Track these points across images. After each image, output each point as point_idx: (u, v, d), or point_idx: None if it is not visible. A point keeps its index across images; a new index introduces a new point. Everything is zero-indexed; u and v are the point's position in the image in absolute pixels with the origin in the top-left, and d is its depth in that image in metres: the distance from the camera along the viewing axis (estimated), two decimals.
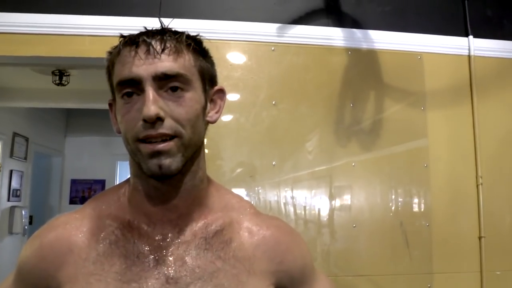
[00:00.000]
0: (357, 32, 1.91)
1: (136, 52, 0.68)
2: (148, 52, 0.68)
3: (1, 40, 1.73)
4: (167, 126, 0.67)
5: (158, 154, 0.67)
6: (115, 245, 0.72)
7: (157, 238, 0.73)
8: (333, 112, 1.85)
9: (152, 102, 0.66)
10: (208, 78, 0.77)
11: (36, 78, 3.69)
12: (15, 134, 4.67)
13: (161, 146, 0.67)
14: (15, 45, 1.74)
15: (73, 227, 0.75)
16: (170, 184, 0.73)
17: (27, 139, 4.98)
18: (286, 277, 0.79)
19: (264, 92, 1.82)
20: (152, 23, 0.77)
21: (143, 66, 0.67)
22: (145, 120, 0.66)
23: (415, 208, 1.85)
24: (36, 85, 3.97)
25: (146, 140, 0.67)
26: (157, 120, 0.66)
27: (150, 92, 0.67)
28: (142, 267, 0.70)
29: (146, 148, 0.67)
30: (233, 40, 1.83)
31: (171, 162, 0.68)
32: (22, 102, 4.26)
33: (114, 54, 0.72)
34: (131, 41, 0.70)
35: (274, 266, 0.77)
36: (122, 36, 0.73)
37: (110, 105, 0.78)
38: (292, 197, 1.79)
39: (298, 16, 1.89)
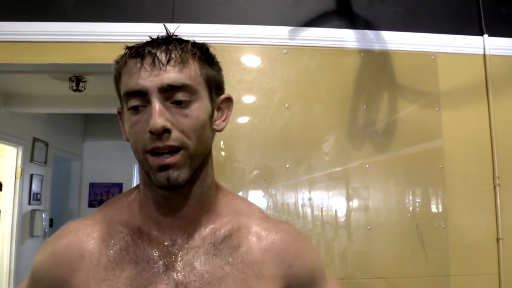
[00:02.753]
0: (370, 33, 1.91)
1: (142, 64, 0.69)
2: (153, 64, 0.68)
3: (20, 48, 1.78)
4: (174, 138, 0.68)
5: (166, 167, 0.68)
6: (126, 251, 0.74)
7: (166, 243, 0.74)
8: (346, 114, 1.85)
9: (159, 115, 0.66)
10: (215, 85, 0.77)
11: (54, 85, 3.75)
12: (35, 139, 4.76)
13: (169, 160, 0.68)
14: (33, 53, 1.78)
15: (85, 234, 0.76)
16: (179, 192, 0.74)
17: (46, 144, 5.06)
18: (295, 281, 0.79)
19: (277, 95, 1.83)
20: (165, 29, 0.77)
21: (149, 78, 0.68)
22: (152, 132, 0.67)
23: (431, 210, 1.84)
24: (54, 91, 4.04)
25: (154, 151, 0.68)
26: (164, 132, 0.67)
27: (157, 105, 0.67)
28: (152, 273, 0.72)
29: (154, 161, 0.69)
30: (245, 44, 1.84)
31: (179, 175, 0.69)
32: (41, 108, 4.35)
33: (121, 64, 0.73)
34: (136, 53, 0.70)
35: (283, 271, 0.77)
36: (127, 47, 0.73)
37: (119, 113, 0.79)
38: (309, 199, 1.79)
39: (310, 19, 1.89)
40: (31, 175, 4.72)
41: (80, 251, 0.75)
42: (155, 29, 1.89)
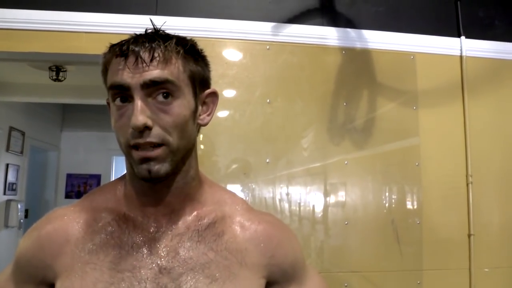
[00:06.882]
0: (351, 31, 1.94)
1: (125, 63, 0.70)
2: (136, 63, 0.70)
3: None
4: (155, 135, 0.69)
5: (147, 160, 0.70)
6: (110, 236, 0.75)
7: (151, 230, 0.76)
8: (326, 111, 1.88)
9: (140, 112, 0.68)
10: (199, 81, 0.78)
11: (33, 74, 3.70)
12: (11, 128, 4.68)
13: (150, 153, 0.70)
14: (13, 40, 1.75)
15: (70, 219, 0.78)
16: (162, 183, 0.76)
17: (23, 133, 4.98)
18: (277, 271, 0.81)
19: (259, 90, 1.84)
20: (148, 21, 0.78)
21: (132, 77, 0.69)
22: (133, 128, 0.68)
23: (407, 206, 1.88)
24: (33, 80, 3.99)
25: (136, 146, 0.70)
26: (145, 128, 0.68)
27: (138, 102, 0.69)
28: (136, 257, 0.73)
29: (136, 154, 0.70)
30: (228, 39, 1.85)
31: (160, 168, 0.71)
32: (19, 97, 4.28)
33: (107, 59, 0.74)
34: (120, 52, 0.71)
35: (265, 260, 0.79)
36: (112, 45, 0.74)
37: (108, 103, 0.80)
38: (287, 194, 1.81)
39: (293, 15, 1.91)
40: (7, 165, 4.65)
41: (66, 236, 0.76)
42: (138, 21, 1.87)
